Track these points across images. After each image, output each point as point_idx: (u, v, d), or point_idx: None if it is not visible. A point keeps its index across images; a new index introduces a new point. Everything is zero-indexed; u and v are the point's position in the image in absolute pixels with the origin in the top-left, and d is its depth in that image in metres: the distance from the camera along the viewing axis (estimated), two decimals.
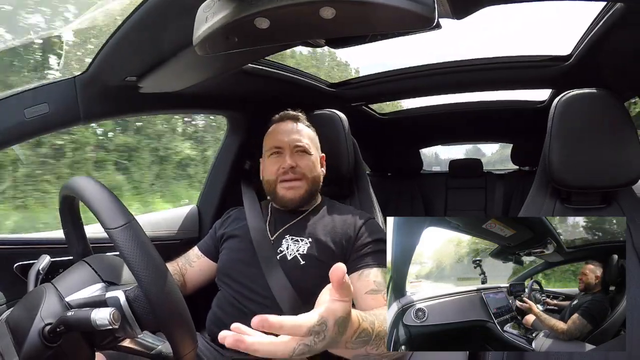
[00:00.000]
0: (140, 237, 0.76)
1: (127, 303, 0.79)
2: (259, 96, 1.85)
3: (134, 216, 0.79)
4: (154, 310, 0.76)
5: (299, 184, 1.36)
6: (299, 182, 1.36)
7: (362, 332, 0.77)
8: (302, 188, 1.37)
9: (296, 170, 1.36)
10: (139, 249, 0.75)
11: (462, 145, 4.83)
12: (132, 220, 0.78)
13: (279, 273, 1.26)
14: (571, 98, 1.17)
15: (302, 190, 1.37)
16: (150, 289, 0.75)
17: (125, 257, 0.74)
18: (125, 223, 0.76)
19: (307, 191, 1.38)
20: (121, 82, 1.25)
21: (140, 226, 0.79)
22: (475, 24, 17.31)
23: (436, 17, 0.65)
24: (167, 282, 0.76)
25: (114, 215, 0.77)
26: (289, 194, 1.37)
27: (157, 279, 0.76)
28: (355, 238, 1.30)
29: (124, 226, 0.76)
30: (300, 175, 1.37)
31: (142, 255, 0.75)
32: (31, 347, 0.76)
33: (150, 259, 0.76)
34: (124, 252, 0.75)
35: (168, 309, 0.77)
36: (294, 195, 1.37)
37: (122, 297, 0.79)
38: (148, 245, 0.77)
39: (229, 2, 0.68)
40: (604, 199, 1.20)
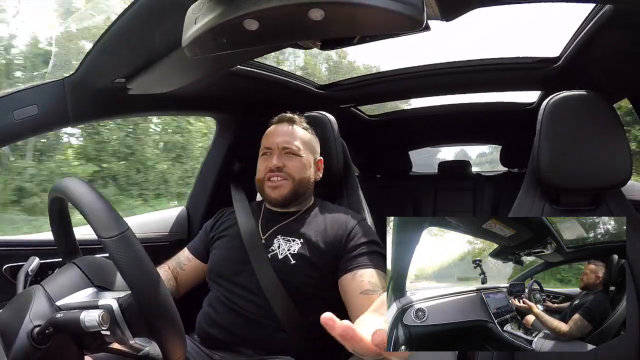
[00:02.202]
0: (135, 247, 0.77)
1: (119, 311, 0.79)
2: (248, 98, 1.84)
3: (128, 225, 0.79)
4: (146, 318, 0.77)
5: (283, 183, 1.38)
6: (284, 182, 1.38)
7: None
8: (286, 188, 1.38)
9: (282, 170, 1.38)
10: (133, 259, 0.75)
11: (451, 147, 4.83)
12: (127, 230, 0.77)
13: (270, 272, 1.28)
14: (560, 100, 1.18)
15: (285, 190, 1.38)
16: (143, 298, 0.76)
17: (120, 267, 0.75)
18: (119, 233, 0.76)
19: (291, 192, 1.39)
20: (110, 83, 1.24)
21: (134, 235, 0.79)
22: (464, 25, 17.60)
23: (425, 19, 0.66)
24: (160, 292, 0.77)
25: (108, 225, 0.77)
26: (273, 193, 1.39)
27: (151, 289, 0.76)
28: (347, 239, 1.31)
29: (119, 236, 0.76)
30: (286, 175, 1.38)
31: (136, 266, 0.76)
32: (20, 348, 0.77)
33: (144, 270, 0.76)
34: (118, 262, 0.75)
35: (161, 318, 0.78)
36: (277, 194, 1.39)
37: (115, 305, 0.79)
38: (142, 256, 0.77)
39: (218, 4, 0.68)
40: (593, 200, 1.21)
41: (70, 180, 0.84)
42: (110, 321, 0.78)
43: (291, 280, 1.27)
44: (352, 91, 2.21)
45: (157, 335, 0.79)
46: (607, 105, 1.15)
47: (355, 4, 0.63)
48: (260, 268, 1.29)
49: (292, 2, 0.64)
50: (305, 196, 1.45)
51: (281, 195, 1.38)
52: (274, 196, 1.39)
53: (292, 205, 1.44)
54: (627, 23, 1.12)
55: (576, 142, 1.14)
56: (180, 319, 0.82)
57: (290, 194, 1.39)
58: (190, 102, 1.66)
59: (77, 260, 0.95)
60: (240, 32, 0.70)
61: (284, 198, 1.39)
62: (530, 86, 2.12)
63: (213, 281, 1.38)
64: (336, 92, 2.20)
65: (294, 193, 1.39)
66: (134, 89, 1.30)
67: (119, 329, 0.79)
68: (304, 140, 1.44)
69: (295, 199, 1.41)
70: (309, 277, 1.28)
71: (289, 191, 1.38)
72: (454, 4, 0.89)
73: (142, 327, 0.80)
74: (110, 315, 0.78)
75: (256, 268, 1.29)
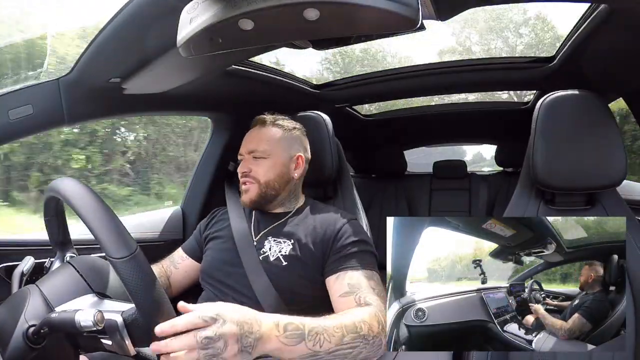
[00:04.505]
0: (144, 269, 0.77)
1: (124, 325, 0.79)
2: (243, 98, 1.84)
3: (137, 245, 0.79)
4: (150, 333, 0.77)
5: (250, 187, 1.40)
6: (251, 185, 1.40)
7: (289, 326, 0.89)
8: (253, 192, 1.39)
9: (249, 175, 1.40)
10: (142, 280, 0.76)
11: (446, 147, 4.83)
12: (136, 251, 0.77)
13: (261, 274, 1.29)
14: (555, 99, 1.18)
15: (253, 194, 1.39)
16: (150, 318, 0.77)
17: (129, 288, 0.75)
18: (129, 254, 0.76)
19: (259, 194, 1.39)
20: (105, 83, 1.23)
21: (143, 256, 0.79)
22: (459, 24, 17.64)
23: (420, 18, 0.66)
24: (165, 310, 0.79)
25: (118, 246, 0.76)
26: (244, 197, 1.42)
27: (157, 309, 0.78)
28: (334, 239, 1.30)
29: (129, 258, 0.76)
30: (252, 179, 1.40)
31: (145, 288, 0.76)
32: (15, 348, 0.77)
33: (152, 292, 0.77)
34: (127, 283, 0.75)
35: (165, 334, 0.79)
36: (246, 198, 1.41)
37: (120, 320, 0.79)
38: (151, 277, 0.78)
39: (213, 4, 0.68)
40: (588, 200, 1.21)
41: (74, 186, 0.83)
42: (113, 333, 0.78)
43: (283, 281, 1.27)
44: (347, 91, 2.21)
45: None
46: (602, 105, 1.16)
47: (350, 4, 0.64)
48: (251, 270, 1.30)
49: (287, 2, 0.64)
50: (286, 196, 1.45)
51: (249, 199, 1.40)
52: (244, 199, 1.42)
53: (278, 206, 1.45)
54: (622, 23, 1.12)
55: (571, 142, 1.15)
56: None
57: (258, 196, 1.40)
58: (186, 102, 1.66)
59: (72, 260, 0.94)
60: (235, 32, 0.70)
61: (252, 202, 1.40)
62: (525, 86, 2.13)
63: (205, 282, 1.38)
64: (331, 91, 2.20)
65: (262, 196, 1.40)
66: (129, 88, 1.29)
67: (121, 340, 0.79)
68: (273, 139, 1.43)
69: (267, 201, 1.42)
70: (301, 278, 1.28)
71: (256, 194, 1.39)
72: (449, 3, 0.89)
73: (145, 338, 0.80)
74: (114, 329, 0.78)
75: (248, 270, 1.30)
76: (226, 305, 0.85)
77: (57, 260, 1.03)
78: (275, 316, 0.90)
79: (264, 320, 0.88)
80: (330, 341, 0.92)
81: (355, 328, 0.97)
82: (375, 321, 1.01)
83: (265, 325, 0.86)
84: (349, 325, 0.96)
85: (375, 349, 1.00)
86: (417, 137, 3.46)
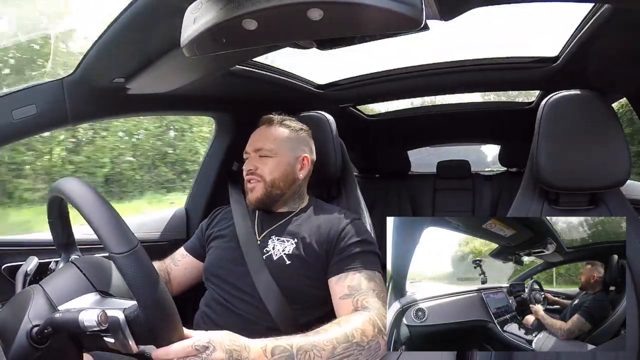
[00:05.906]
0: (144, 264, 0.77)
1: (126, 322, 0.79)
2: (247, 97, 1.84)
3: (137, 240, 0.79)
4: (153, 331, 0.79)
5: (256, 185, 1.40)
6: (257, 184, 1.40)
7: (276, 349, 0.93)
8: (259, 190, 1.40)
9: (255, 173, 1.40)
10: (143, 276, 0.76)
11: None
12: (137, 246, 0.77)
13: (265, 273, 1.28)
14: (559, 99, 1.18)
15: (259, 192, 1.40)
16: (152, 314, 0.77)
17: (129, 283, 0.75)
18: (130, 249, 0.76)
19: (264, 193, 1.40)
20: (109, 83, 1.24)
21: (144, 251, 0.79)
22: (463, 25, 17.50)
23: (424, 18, 0.66)
24: (167, 306, 0.79)
25: (118, 241, 0.76)
26: (249, 195, 1.42)
27: (159, 305, 0.78)
28: (338, 238, 1.30)
29: (129, 253, 0.76)
30: (258, 177, 1.40)
31: (146, 283, 0.76)
32: (19, 348, 0.77)
33: (153, 287, 0.77)
34: (128, 278, 0.75)
35: (167, 330, 0.81)
36: (252, 196, 1.41)
37: (122, 317, 0.79)
38: (152, 272, 0.78)
39: (217, 4, 0.68)
40: (591, 200, 1.21)
41: (76, 185, 0.83)
42: (115, 331, 0.78)
43: (286, 281, 1.27)
44: (351, 91, 2.21)
45: (162, 344, 0.82)
46: (606, 105, 1.15)
47: (353, 4, 0.64)
48: (255, 269, 1.30)
49: (290, 2, 0.64)
50: (291, 196, 1.46)
51: (255, 197, 1.40)
52: (250, 198, 1.42)
53: (282, 206, 1.45)
54: (626, 23, 1.12)
55: (575, 142, 1.14)
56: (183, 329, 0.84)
57: (264, 195, 1.40)
58: (189, 102, 1.66)
59: (76, 260, 0.94)
60: (239, 32, 0.70)
61: (258, 201, 1.40)
62: (529, 86, 2.12)
63: (209, 281, 1.38)
64: (335, 91, 2.19)
65: (267, 195, 1.40)
66: (133, 88, 1.29)
67: (123, 338, 0.79)
68: (280, 139, 1.43)
69: (272, 201, 1.42)
70: (305, 277, 1.28)
71: (262, 193, 1.39)
72: (452, 3, 0.89)
73: (147, 336, 0.81)
74: (117, 327, 0.78)
75: (251, 269, 1.30)
76: (218, 333, 0.91)
77: (62, 261, 1.03)
78: (263, 341, 0.94)
79: (252, 346, 0.92)
80: (321, 356, 0.95)
81: (346, 337, 0.99)
82: (370, 325, 1.03)
83: (254, 351, 0.91)
84: (340, 337, 0.99)
85: (373, 352, 1.01)
86: (421, 137, 3.44)
